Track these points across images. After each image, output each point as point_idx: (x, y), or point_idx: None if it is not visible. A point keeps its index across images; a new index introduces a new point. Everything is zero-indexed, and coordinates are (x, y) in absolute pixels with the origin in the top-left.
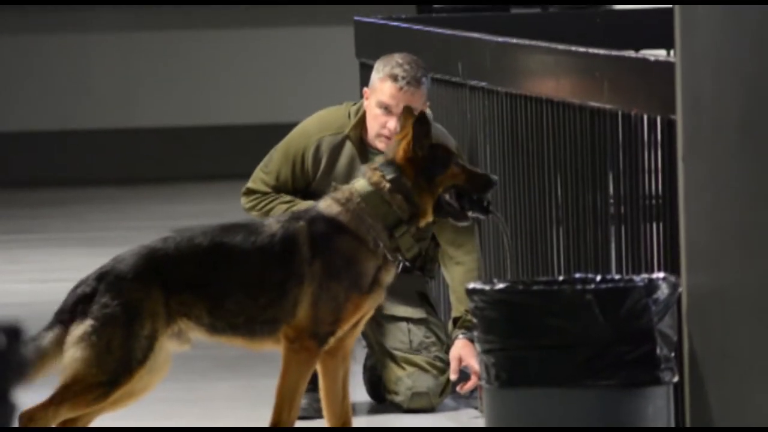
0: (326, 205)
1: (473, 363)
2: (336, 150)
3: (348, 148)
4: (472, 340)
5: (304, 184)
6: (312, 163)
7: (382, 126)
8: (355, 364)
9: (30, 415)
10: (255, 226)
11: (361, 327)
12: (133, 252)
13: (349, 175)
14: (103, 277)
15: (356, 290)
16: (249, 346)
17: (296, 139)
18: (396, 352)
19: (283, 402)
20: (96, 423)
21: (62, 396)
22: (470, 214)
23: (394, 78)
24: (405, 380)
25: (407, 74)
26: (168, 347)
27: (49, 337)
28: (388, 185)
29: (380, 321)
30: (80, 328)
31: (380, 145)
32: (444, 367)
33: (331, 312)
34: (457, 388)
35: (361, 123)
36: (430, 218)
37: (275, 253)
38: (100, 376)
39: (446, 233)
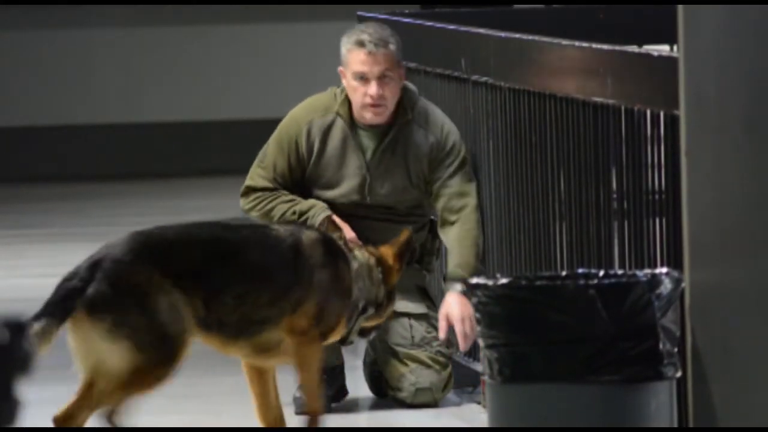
0: (335, 237)
1: (455, 319)
2: (327, 130)
3: (338, 127)
4: (463, 293)
5: (301, 172)
6: (306, 147)
7: (364, 95)
8: (356, 359)
9: (97, 401)
10: (263, 226)
11: None
12: (124, 238)
13: (343, 155)
14: (97, 265)
15: (348, 311)
16: (224, 348)
17: (287, 127)
18: (398, 348)
19: (313, 392)
20: (96, 419)
21: (130, 383)
22: None
23: (361, 44)
24: (408, 376)
25: (372, 37)
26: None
27: (35, 328)
28: (379, 276)
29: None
30: (104, 325)
31: (367, 115)
32: (446, 362)
33: (333, 318)
34: (446, 346)
35: (347, 101)
36: (381, 320)
37: (284, 255)
38: (152, 358)
39: (442, 199)
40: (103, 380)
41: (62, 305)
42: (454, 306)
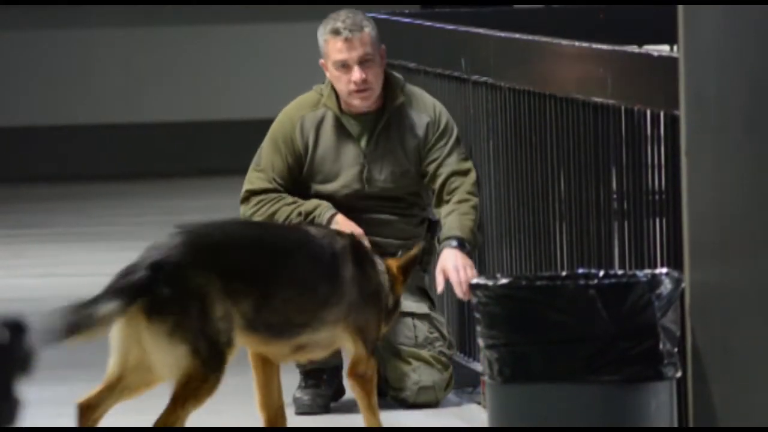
0: (358, 241)
1: (450, 269)
2: (319, 124)
3: (330, 120)
4: (458, 247)
5: (298, 169)
6: (301, 142)
7: (349, 82)
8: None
9: (163, 422)
10: (307, 232)
11: None
12: (179, 240)
13: (338, 146)
14: (158, 266)
15: (380, 317)
16: (263, 346)
17: (279, 126)
18: (402, 347)
19: (374, 413)
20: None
21: (184, 395)
22: None
23: (336, 32)
24: (411, 375)
25: (346, 24)
26: None
27: (105, 309)
28: (387, 280)
29: None
30: (164, 327)
31: (355, 102)
32: (448, 362)
33: (374, 330)
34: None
35: (334, 93)
36: (386, 328)
37: (324, 263)
38: (206, 365)
39: (439, 179)
40: (142, 379)
41: (126, 295)
42: (449, 258)
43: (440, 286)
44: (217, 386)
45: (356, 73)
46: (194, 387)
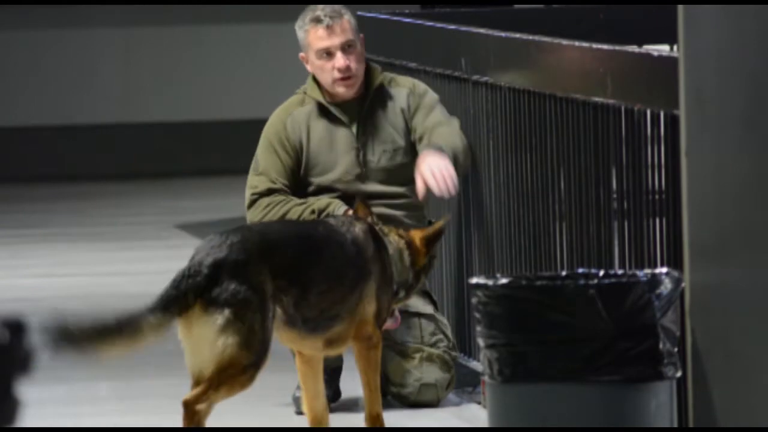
0: (373, 225)
1: (424, 171)
2: (308, 118)
3: (317, 112)
4: (436, 151)
5: (297, 166)
6: (294, 138)
7: (332, 69)
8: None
9: (192, 401)
10: (328, 224)
11: None
12: (230, 239)
13: (330, 136)
14: (220, 265)
15: (391, 301)
16: (299, 342)
17: (270, 128)
18: (407, 345)
19: (377, 395)
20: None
21: (219, 381)
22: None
23: (317, 21)
24: (413, 372)
25: (325, 12)
26: None
27: (150, 320)
28: (407, 258)
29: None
30: (221, 317)
31: (340, 90)
32: (451, 363)
33: (386, 309)
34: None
35: (317, 86)
36: (409, 298)
37: (350, 250)
38: (251, 357)
39: (426, 135)
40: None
41: (182, 300)
42: (423, 160)
43: (421, 191)
44: (252, 383)
45: (340, 60)
46: (231, 375)
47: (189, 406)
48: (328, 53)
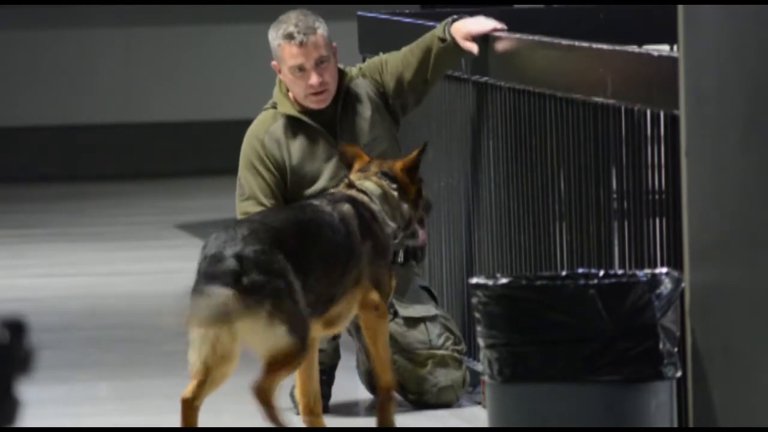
0: (354, 193)
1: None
2: (285, 132)
3: (291, 124)
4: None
5: (283, 183)
6: (276, 154)
7: (307, 85)
8: (354, 359)
9: (264, 386)
10: (315, 206)
11: None
12: (240, 231)
13: (310, 145)
14: (242, 257)
15: (390, 268)
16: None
17: (249, 149)
18: (417, 352)
19: (385, 365)
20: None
21: (278, 365)
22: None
23: (290, 37)
24: (429, 378)
25: (300, 28)
26: None
27: (221, 293)
28: (395, 193)
29: (397, 324)
30: (262, 311)
31: (312, 104)
32: (461, 359)
33: (387, 284)
34: None
35: (286, 98)
36: (412, 229)
37: (340, 232)
38: (298, 341)
39: (411, 66)
40: (225, 370)
41: (223, 280)
42: (467, 23)
43: (474, 47)
44: (305, 360)
45: (314, 78)
46: (288, 360)
47: (260, 393)
48: (302, 69)
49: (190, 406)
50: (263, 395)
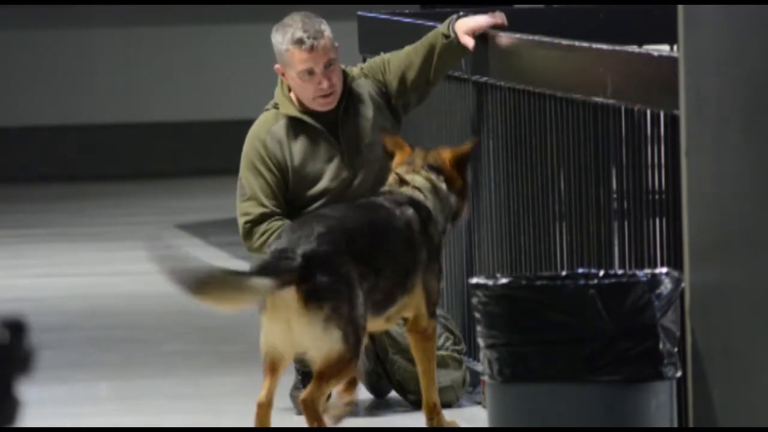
0: (412, 191)
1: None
2: (287, 133)
3: (294, 125)
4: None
5: (284, 183)
6: (279, 156)
7: (317, 89)
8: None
9: (311, 398)
10: (386, 208)
11: None
12: (317, 229)
13: (312, 145)
14: (311, 256)
15: (441, 271)
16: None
17: (250, 150)
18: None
19: (433, 383)
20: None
21: (329, 374)
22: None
23: (300, 42)
24: None
25: (308, 33)
26: None
27: (259, 282)
28: (444, 186)
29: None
30: (320, 314)
31: (320, 107)
32: (461, 359)
33: (437, 292)
34: None
35: (288, 100)
36: (458, 223)
37: (405, 235)
38: (351, 348)
39: (414, 64)
40: (281, 364)
41: (283, 276)
42: (466, 20)
43: (471, 41)
44: (354, 368)
45: (324, 81)
46: (339, 368)
47: (309, 404)
48: (311, 72)
49: (311, 407)
50: (311, 406)
